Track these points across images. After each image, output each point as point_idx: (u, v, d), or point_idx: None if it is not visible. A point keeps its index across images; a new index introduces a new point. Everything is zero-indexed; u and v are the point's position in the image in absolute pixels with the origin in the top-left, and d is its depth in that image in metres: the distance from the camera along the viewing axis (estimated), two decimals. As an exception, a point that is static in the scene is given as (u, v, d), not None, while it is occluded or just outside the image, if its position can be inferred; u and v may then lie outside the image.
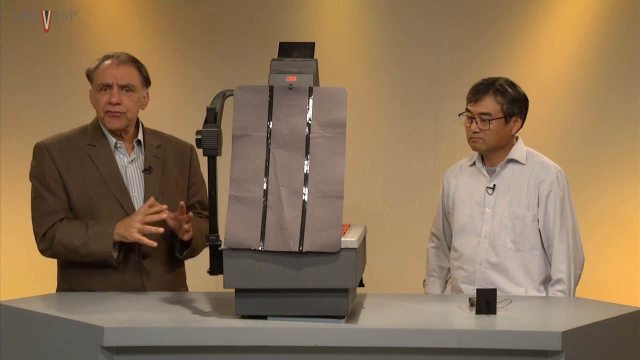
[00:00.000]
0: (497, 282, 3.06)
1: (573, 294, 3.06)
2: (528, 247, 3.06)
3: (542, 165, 3.12)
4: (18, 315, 2.43)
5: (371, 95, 4.92)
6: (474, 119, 3.08)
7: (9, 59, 4.55)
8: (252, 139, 2.34)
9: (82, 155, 2.90)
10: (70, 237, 2.79)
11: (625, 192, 4.62)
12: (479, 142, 3.09)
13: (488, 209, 3.11)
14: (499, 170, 3.13)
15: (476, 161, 3.20)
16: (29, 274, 4.41)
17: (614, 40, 4.62)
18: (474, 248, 3.11)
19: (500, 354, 2.23)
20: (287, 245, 2.26)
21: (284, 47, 2.42)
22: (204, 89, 4.70)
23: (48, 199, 2.84)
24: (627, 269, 4.61)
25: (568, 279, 3.02)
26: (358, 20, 4.96)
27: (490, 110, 3.06)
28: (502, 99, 3.07)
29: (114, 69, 2.89)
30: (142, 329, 2.25)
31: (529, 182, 3.09)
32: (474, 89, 3.11)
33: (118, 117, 2.89)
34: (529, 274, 3.06)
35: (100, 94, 2.89)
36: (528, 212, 3.06)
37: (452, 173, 3.31)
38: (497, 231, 3.08)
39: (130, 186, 2.92)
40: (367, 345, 2.24)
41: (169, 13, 4.93)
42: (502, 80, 3.11)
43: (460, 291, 3.14)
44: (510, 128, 3.10)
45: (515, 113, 3.09)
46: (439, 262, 3.36)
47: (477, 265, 3.09)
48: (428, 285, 3.37)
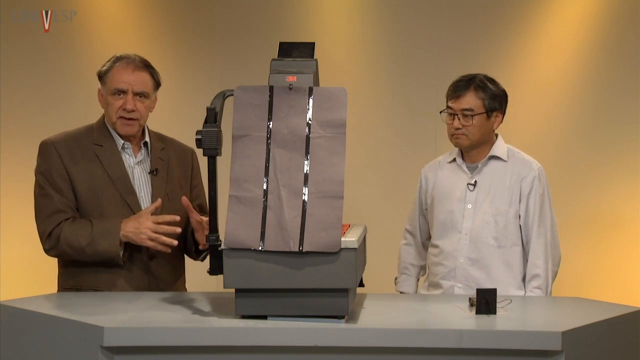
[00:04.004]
0: (478, 279, 3.08)
1: (550, 290, 3.07)
2: (510, 244, 3.08)
3: (524, 162, 3.14)
4: (18, 315, 2.43)
5: (371, 96, 4.92)
6: (456, 116, 3.09)
7: (9, 59, 4.55)
8: (252, 139, 2.34)
9: (90, 154, 2.90)
10: (77, 236, 2.78)
11: (625, 192, 4.62)
12: (461, 138, 3.11)
13: (469, 205, 3.12)
14: (481, 167, 3.15)
15: (456, 157, 3.21)
16: (29, 274, 4.41)
17: (614, 40, 4.63)
18: (455, 244, 3.13)
19: (500, 354, 2.23)
20: (287, 245, 2.26)
21: (284, 47, 2.42)
22: (204, 89, 4.70)
23: (54, 197, 2.84)
24: (627, 269, 4.61)
25: (545, 274, 3.04)
26: (358, 21, 4.96)
27: (473, 106, 3.08)
28: (484, 94, 3.09)
29: (130, 75, 2.88)
30: (142, 329, 2.25)
31: (511, 179, 3.11)
32: (453, 86, 3.13)
33: (131, 124, 2.89)
34: (511, 271, 3.08)
35: (114, 98, 2.89)
36: (510, 209, 3.09)
37: (430, 169, 3.32)
38: (479, 228, 3.09)
39: (137, 187, 2.92)
40: (367, 345, 2.24)
41: (169, 13, 4.93)
42: (482, 76, 3.14)
43: (440, 287, 3.15)
44: (491, 123, 3.12)
45: (496, 108, 3.12)
46: (412, 260, 3.37)
47: (457, 262, 3.11)
48: (400, 283, 3.37)
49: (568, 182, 4.67)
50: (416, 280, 3.37)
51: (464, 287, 3.09)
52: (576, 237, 4.63)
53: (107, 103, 2.91)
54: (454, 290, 3.10)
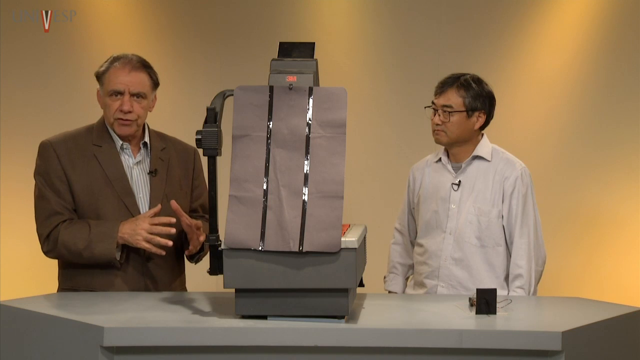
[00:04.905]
0: (460, 278, 3.09)
1: (534, 290, 3.09)
2: (492, 244, 3.08)
3: (507, 162, 3.15)
4: (18, 315, 2.43)
5: (371, 95, 4.92)
6: (437, 112, 3.10)
7: (9, 59, 4.55)
8: (252, 139, 2.34)
9: (88, 155, 2.89)
10: (74, 239, 2.78)
11: (625, 192, 4.62)
12: (440, 134, 3.12)
13: (453, 205, 3.13)
14: (465, 167, 3.15)
15: (442, 157, 3.22)
16: (29, 274, 4.41)
17: (614, 40, 4.62)
18: (439, 244, 3.13)
19: (500, 354, 2.23)
20: (287, 245, 2.26)
21: (284, 47, 2.42)
22: (204, 89, 4.70)
23: (51, 199, 2.83)
24: (627, 269, 4.61)
25: (528, 274, 3.04)
26: (358, 21, 4.96)
27: (452, 103, 3.09)
28: (465, 93, 3.09)
29: (126, 76, 2.86)
30: (142, 329, 2.24)
31: (494, 179, 3.11)
32: (440, 82, 3.16)
33: (129, 125, 2.88)
34: (493, 270, 3.09)
35: (111, 99, 2.88)
36: (493, 209, 3.09)
37: (417, 168, 3.33)
38: (462, 227, 3.10)
39: (135, 188, 2.91)
40: (367, 345, 2.24)
41: (169, 13, 4.93)
42: (469, 75, 3.15)
43: (424, 286, 3.16)
44: (472, 123, 3.12)
45: (478, 108, 3.11)
46: (400, 259, 3.37)
47: (441, 261, 3.12)
48: (388, 282, 3.38)
49: (568, 182, 4.67)
50: (404, 279, 3.38)
51: (447, 286, 3.10)
52: (576, 237, 4.63)
53: (104, 104, 2.91)
54: (437, 290, 3.11)
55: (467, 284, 3.05)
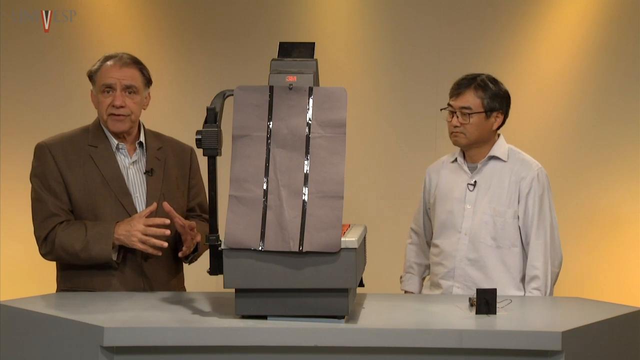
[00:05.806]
0: (476, 279, 3.08)
1: (550, 291, 3.07)
2: (508, 244, 3.07)
3: (524, 163, 3.13)
4: (18, 315, 2.43)
5: (371, 95, 4.92)
6: (454, 114, 3.09)
7: (9, 59, 4.56)
8: (252, 139, 2.34)
9: (84, 156, 2.89)
10: (71, 240, 2.78)
11: (625, 192, 4.62)
12: (459, 136, 3.11)
13: (469, 205, 3.12)
14: (481, 167, 3.14)
15: (458, 157, 3.21)
16: (29, 274, 4.41)
17: (614, 40, 4.63)
18: (454, 244, 3.12)
19: (500, 354, 2.23)
20: (287, 245, 2.26)
21: (284, 47, 2.42)
22: (204, 89, 4.70)
23: (48, 201, 2.83)
24: (627, 269, 4.62)
25: (544, 276, 3.03)
26: (358, 21, 4.96)
27: (471, 104, 3.08)
28: (483, 94, 3.08)
29: (117, 71, 2.87)
30: (142, 329, 2.24)
31: (510, 180, 3.10)
32: (456, 84, 3.13)
33: (122, 120, 2.88)
34: (509, 271, 3.08)
35: (103, 96, 2.88)
36: (509, 209, 3.08)
37: (433, 169, 3.32)
38: (477, 228, 3.09)
39: (132, 187, 2.91)
40: (367, 345, 2.24)
41: (169, 13, 4.93)
42: (484, 76, 3.13)
43: (440, 287, 3.15)
44: (491, 123, 3.11)
45: (496, 108, 3.11)
46: (416, 259, 3.37)
47: (456, 262, 3.11)
48: (405, 282, 3.37)
49: (568, 182, 4.67)
50: (420, 279, 3.37)
51: (463, 287, 3.09)
52: (576, 237, 4.63)
53: (97, 102, 2.91)
54: (453, 291, 3.10)
55: (483, 285, 3.00)
